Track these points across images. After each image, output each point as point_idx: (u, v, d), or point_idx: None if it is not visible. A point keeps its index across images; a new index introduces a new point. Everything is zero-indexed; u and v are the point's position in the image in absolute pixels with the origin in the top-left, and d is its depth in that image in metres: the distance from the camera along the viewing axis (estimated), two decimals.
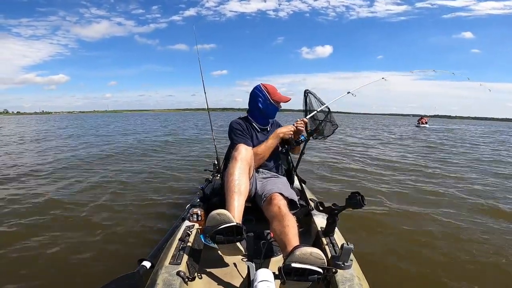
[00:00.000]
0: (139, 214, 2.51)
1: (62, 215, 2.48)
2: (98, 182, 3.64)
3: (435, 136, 12.77)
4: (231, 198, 1.12)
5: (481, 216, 2.55)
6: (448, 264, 1.75)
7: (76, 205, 2.72)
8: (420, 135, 13.45)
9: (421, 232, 2.19)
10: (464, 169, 4.86)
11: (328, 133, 1.76)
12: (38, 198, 2.92)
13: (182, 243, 1.09)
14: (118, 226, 2.25)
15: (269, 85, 1.52)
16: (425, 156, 6.35)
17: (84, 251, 1.85)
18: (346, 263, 0.94)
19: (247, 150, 1.26)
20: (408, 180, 3.93)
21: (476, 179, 4.10)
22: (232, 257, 1.15)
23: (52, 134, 11.60)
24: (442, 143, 9.74)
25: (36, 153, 6.30)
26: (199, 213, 1.32)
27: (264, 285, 0.80)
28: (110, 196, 3.01)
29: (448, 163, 5.53)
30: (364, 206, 1.01)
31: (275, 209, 1.14)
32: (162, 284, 0.86)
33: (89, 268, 1.66)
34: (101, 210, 2.61)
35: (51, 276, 1.59)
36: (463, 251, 1.91)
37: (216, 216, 0.98)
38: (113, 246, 1.93)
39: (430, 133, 15.80)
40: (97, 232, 2.13)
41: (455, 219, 2.45)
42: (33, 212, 2.52)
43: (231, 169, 1.19)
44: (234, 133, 1.46)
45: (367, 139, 10.41)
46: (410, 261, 1.75)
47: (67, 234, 2.09)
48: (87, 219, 2.41)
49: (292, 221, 1.07)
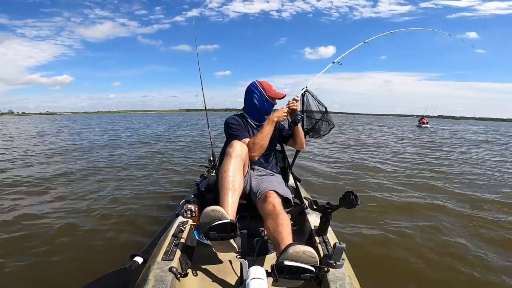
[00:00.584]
0: (134, 208, 2.50)
1: (55, 207, 2.46)
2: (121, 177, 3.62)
3: (432, 136, 13.04)
4: (225, 195, 1.11)
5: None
6: (442, 264, 1.78)
7: (68, 197, 2.70)
8: (418, 134, 13.69)
9: (415, 231, 2.22)
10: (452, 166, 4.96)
11: (324, 132, 1.76)
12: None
13: (175, 239, 1.09)
14: (111, 220, 2.24)
15: (265, 82, 1.52)
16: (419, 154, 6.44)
17: (75, 245, 1.84)
18: (338, 262, 0.94)
19: (241, 147, 1.26)
20: (402, 177, 3.99)
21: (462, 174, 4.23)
22: (225, 254, 1.15)
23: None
24: (434, 141, 10.10)
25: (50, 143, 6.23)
26: (193, 209, 1.31)
27: (256, 282, 0.81)
28: (106, 192, 2.99)
29: (439, 159, 5.64)
30: (357, 205, 1.02)
31: (270, 207, 1.14)
32: (154, 280, 0.85)
33: (80, 264, 1.64)
34: (94, 204, 2.59)
35: (40, 272, 1.57)
36: (459, 251, 1.93)
37: (210, 213, 0.97)
38: (104, 241, 1.92)
39: (425, 132, 16.31)
40: (88, 227, 2.12)
41: (449, 218, 2.49)
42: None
43: (225, 165, 1.19)
44: (230, 128, 1.45)
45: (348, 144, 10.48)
46: (403, 261, 1.78)
47: (58, 227, 2.07)
48: (77, 213, 2.39)
49: (286, 220, 1.07)
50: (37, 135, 10.89)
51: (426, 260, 1.79)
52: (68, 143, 7.83)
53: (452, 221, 2.42)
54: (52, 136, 10.14)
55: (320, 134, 1.85)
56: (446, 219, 2.46)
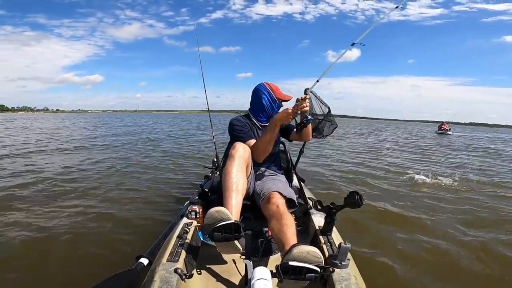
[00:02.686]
0: (138, 209, 2.52)
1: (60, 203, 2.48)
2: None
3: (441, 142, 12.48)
4: (228, 196, 1.11)
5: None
6: (449, 269, 1.76)
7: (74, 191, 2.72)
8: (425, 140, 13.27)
9: (422, 234, 2.20)
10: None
11: (327, 132, 1.76)
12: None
13: (180, 240, 1.09)
14: (115, 221, 2.25)
15: (272, 84, 1.53)
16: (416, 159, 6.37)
17: (80, 247, 1.85)
18: (343, 262, 0.94)
19: (244, 149, 1.26)
20: (409, 181, 3.95)
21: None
22: (230, 255, 1.15)
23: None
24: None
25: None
26: (198, 210, 1.32)
27: (261, 283, 0.80)
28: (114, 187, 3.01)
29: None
30: (362, 205, 1.01)
31: (274, 207, 1.14)
32: (159, 281, 0.86)
33: (86, 265, 1.65)
34: (100, 203, 2.61)
35: (42, 273, 1.58)
36: (463, 253, 1.91)
37: (214, 214, 0.98)
38: (110, 242, 1.93)
39: (436, 139, 14.65)
40: (92, 229, 2.13)
41: (456, 225, 2.46)
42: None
43: (229, 167, 1.19)
44: (234, 130, 1.45)
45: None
46: (408, 262, 1.76)
47: (62, 230, 2.09)
48: (78, 213, 2.40)
49: (290, 220, 1.07)
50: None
51: (435, 269, 1.77)
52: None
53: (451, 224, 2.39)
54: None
55: (323, 134, 1.85)
56: (460, 230, 2.42)
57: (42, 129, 13.11)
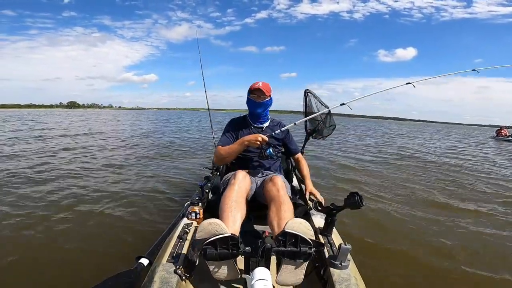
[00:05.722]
0: (139, 209, 2.52)
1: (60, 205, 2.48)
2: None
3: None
4: (226, 216, 1.04)
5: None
6: (450, 270, 1.75)
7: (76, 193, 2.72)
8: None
9: (424, 235, 2.20)
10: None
11: (327, 133, 1.77)
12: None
13: (180, 241, 1.09)
14: (116, 221, 2.25)
15: (256, 83, 1.49)
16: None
17: (79, 247, 1.85)
18: (343, 263, 0.94)
19: (245, 178, 1.24)
20: (415, 181, 3.94)
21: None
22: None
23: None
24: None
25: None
26: (198, 211, 1.31)
27: (261, 283, 0.81)
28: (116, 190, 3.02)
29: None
30: (362, 206, 1.01)
31: (274, 190, 1.16)
32: (159, 281, 0.86)
33: (86, 265, 1.65)
34: (101, 203, 2.61)
35: (42, 273, 1.58)
36: (465, 256, 1.90)
37: (207, 226, 0.87)
38: (110, 242, 1.93)
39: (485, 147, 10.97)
40: (92, 228, 2.13)
41: (464, 227, 2.44)
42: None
43: (228, 191, 1.16)
44: (225, 129, 1.56)
45: None
46: (410, 264, 1.76)
47: (60, 229, 2.09)
48: (79, 214, 2.40)
49: (290, 210, 1.09)
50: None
51: (436, 270, 1.76)
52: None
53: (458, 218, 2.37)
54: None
55: (323, 135, 1.85)
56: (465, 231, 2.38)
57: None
